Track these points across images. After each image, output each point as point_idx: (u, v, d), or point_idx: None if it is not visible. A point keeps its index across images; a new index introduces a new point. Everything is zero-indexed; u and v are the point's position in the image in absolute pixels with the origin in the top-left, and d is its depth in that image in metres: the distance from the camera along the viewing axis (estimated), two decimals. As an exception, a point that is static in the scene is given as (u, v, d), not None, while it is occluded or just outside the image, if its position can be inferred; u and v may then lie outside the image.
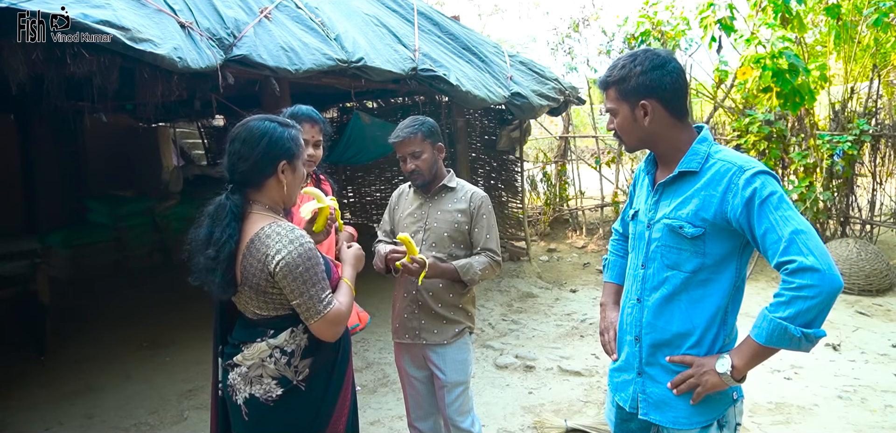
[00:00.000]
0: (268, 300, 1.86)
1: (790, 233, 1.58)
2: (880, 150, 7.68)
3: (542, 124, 11.05)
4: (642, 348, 1.88)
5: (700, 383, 1.73)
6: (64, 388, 4.64)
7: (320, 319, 1.84)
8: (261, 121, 1.92)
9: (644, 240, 1.89)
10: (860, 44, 7.99)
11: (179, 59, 3.43)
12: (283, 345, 1.89)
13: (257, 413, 1.91)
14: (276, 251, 1.79)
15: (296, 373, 1.91)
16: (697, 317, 1.77)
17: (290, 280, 1.80)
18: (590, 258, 8.55)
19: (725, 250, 1.73)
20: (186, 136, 11.72)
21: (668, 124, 1.80)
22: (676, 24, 8.61)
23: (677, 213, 1.77)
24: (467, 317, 2.80)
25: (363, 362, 4.97)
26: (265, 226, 1.84)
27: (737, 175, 1.67)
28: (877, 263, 6.51)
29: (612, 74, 1.84)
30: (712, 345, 1.78)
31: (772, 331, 1.60)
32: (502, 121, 8.17)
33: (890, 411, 3.92)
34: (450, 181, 2.81)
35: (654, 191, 1.88)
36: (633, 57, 1.81)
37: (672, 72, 1.77)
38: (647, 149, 1.92)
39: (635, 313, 1.91)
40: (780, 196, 1.63)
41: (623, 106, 1.82)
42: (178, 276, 7.86)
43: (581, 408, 4.12)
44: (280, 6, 4.62)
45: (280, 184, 1.91)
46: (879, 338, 5.19)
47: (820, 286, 1.53)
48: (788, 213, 1.61)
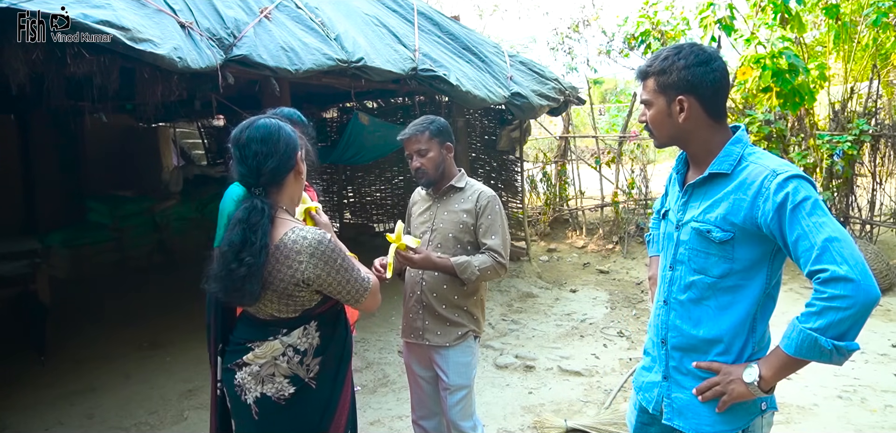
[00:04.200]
0: (291, 302, 1.86)
1: (823, 241, 1.50)
2: (880, 150, 7.67)
3: (542, 124, 11.05)
4: (668, 351, 1.83)
5: (726, 391, 1.67)
6: (64, 388, 4.64)
7: (368, 295, 1.95)
8: (267, 120, 1.91)
9: (672, 242, 1.83)
10: (860, 43, 7.99)
11: (179, 59, 3.43)
12: (296, 344, 1.90)
13: (268, 412, 1.90)
14: (308, 257, 1.81)
15: (307, 371, 1.92)
16: (725, 324, 1.71)
17: (334, 274, 1.86)
18: (590, 258, 8.55)
19: (755, 256, 1.67)
20: (186, 136, 11.71)
21: (704, 124, 1.73)
22: (676, 25, 8.61)
23: (706, 216, 1.71)
24: (472, 320, 2.76)
25: (363, 362, 4.97)
26: (288, 231, 1.84)
27: (769, 179, 1.60)
28: (877, 263, 6.51)
29: (652, 65, 1.77)
30: (741, 354, 1.71)
31: (801, 341, 1.53)
32: (502, 121, 8.18)
33: (890, 411, 3.92)
34: (458, 181, 2.79)
35: (684, 192, 1.82)
36: (678, 49, 1.73)
37: (716, 70, 1.70)
38: (678, 146, 1.84)
39: (662, 315, 1.86)
40: (814, 201, 1.54)
41: (660, 99, 1.75)
42: (179, 276, 7.83)
43: (581, 408, 4.12)
44: (280, 6, 4.62)
45: (299, 176, 1.94)
46: (879, 338, 5.19)
47: (854, 297, 1.45)
48: (823, 219, 1.52)
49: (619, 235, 9.03)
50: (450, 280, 2.69)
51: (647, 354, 1.96)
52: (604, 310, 6.39)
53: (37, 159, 8.07)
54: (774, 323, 1.67)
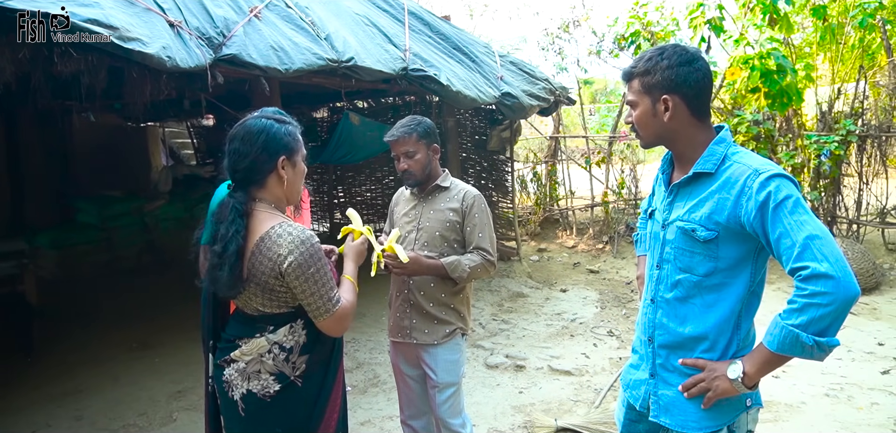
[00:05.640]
0: (274, 297, 1.88)
1: (805, 239, 1.53)
2: (866, 151, 7.74)
3: (532, 124, 11.07)
4: (655, 349, 1.86)
5: (711, 388, 1.70)
6: (52, 390, 4.61)
7: (330, 317, 1.89)
8: (258, 118, 1.94)
9: (659, 241, 1.87)
10: (846, 44, 8.07)
11: (168, 59, 3.40)
12: (282, 341, 1.91)
13: (254, 409, 1.91)
14: (288, 252, 1.82)
15: (293, 369, 1.92)
16: (710, 321, 1.74)
17: (302, 280, 1.84)
18: (580, 258, 8.58)
19: (739, 254, 1.70)
20: (176, 135, 11.64)
21: (688, 123, 1.77)
22: (666, 25, 8.66)
23: (690, 215, 1.74)
24: (459, 318, 2.78)
25: (354, 362, 4.96)
26: (275, 225, 1.86)
27: (752, 178, 1.63)
28: (863, 262, 6.58)
29: (637, 66, 1.81)
30: (726, 350, 1.74)
31: (783, 338, 1.56)
32: (493, 121, 8.19)
33: (876, 408, 3.96)
34: (443, 181, 2.81)
35: (669, 191, 1.86)
36: (662, 50, 1.78)
37: (699, 70, 1.74)
38: (663, 145, 1.88)
39: (649, 314, 1.89)
40: (795, 200, 1.58)
41: (645, 99, 1.79)
42: (168, 277, 7.78)
43: (571, 408, 4.13)
44: (270, 5, 4.60)
45: (281, 179, 1.93)
46: (866, 337, 5.25)
47: (834, 293, 1.48)
48: (804, 217, 1.55)
49: (609, 235, 9.07)
50: (437, 278, 2.70)
51: (635, 352, 1.99)
52: (594, 309, 6.41)
53: (24, 159, 7.99)
54: (761, 320, 1.68)
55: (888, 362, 4.68)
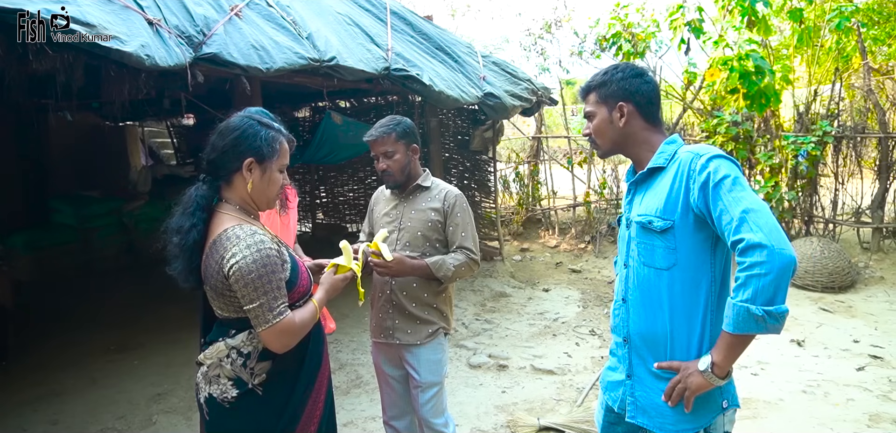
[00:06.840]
0: (226, 301, 1.85)
1: (741, 212, 1.59)
2: (842, 151, 7.88)
3: (514, 124, 11.10)
4: (630, 350, 1.90)
5: (687, 386, 1.73)
6: (27, 394, 4.52)
7: (269, 328, 1.79)
8: (241, 117, 1.92)
9: (625, 241, 1.95)
10: (823, 47, 8.21)
11: (147, 57, 3.35)
12: (240, 347, 1.87)
13: (216, 413, 1.90)
14: (231, 254, 1.77)
15: (252, 375, 1.88)
16: (679, 317, 1.78)
17: (242, 285, 1.77)
18: (562, 257, 8.62)
19: (696, 244, 1.74)
20: (155, 135, 11.50)
21: (642, 127, 1.90)
22: (647, 27, 8.74)
23: (646, 208, 1.83)
24: (442, 317, 2.78)
25: (336, 364, 4.94)
26: (230, 227, 1.82)
27: (694, 160, 1.72)
28: (839, 261, 6.69)
29: (594, 80, 1.96)
30: (700, 347, 1.77)
31: (737, 316, 1.60)
32: (475, 121, 8.20)
33: (852, 404, 4.03)
34: (424, 180, 2.81)
35: (628, 190, 1.97)
36: (616, 66, 1.95)
37: (649, 82, 1.92)
38: (620, 152, 1.98)
39: (622, 314, 1.93)
40: (734, 178, 1.65)
41: (602, 108, 1.92)
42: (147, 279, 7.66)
43: (554, 407, 4.15)
44: (251, 4, 4.56)
45: (244, 182, 1.89)
46: (842, 334, 5.34)
47: (769, 262, 1.53)
48: (741, 193, 1.62)
49: (591, 235, 9.13)
50: (420, 278, 2.69)
51: (613, 354, 2.03)
52: (576, 308, 6.45)
53: (-2, 159, 7.85)
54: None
55: (863, 359, 4.77)
